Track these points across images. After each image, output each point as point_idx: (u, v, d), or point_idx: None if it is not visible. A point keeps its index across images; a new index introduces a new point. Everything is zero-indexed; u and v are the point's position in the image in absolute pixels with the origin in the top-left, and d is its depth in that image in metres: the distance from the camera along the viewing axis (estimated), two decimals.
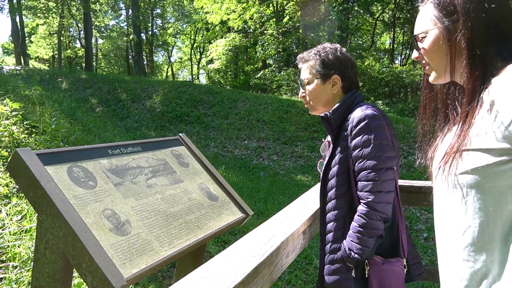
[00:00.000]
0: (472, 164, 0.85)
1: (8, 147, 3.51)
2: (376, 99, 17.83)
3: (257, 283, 1.10)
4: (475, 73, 0.90)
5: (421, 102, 1.16)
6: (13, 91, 5.49)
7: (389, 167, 1.43)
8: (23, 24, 25.17)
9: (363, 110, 1.48)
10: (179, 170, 1.89)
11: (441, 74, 1.01)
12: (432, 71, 1.03)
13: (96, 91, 14.00)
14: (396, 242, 1.54)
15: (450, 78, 1.00)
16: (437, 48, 0.98)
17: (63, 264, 1.31)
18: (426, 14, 1.01)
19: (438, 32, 0.97)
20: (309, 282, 3.67)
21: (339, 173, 1.54)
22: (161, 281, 2.88)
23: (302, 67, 1.70)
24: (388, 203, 1.43)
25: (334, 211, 1.55)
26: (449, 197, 0.93)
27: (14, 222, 2.56)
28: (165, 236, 1.49)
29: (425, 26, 1.01)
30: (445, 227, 0.96)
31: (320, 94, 1.65)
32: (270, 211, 5.69)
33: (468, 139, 0.88)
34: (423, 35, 1.01)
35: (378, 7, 21.74)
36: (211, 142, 11.34)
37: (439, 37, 0.97)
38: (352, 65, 1.65)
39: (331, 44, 1.68)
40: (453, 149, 0.91)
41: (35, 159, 1.33)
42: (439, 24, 0.97)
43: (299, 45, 19.10)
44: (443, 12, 0.96)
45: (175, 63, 39.07)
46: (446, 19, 0.95)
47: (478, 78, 0.90)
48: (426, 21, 1.00)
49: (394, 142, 1.50)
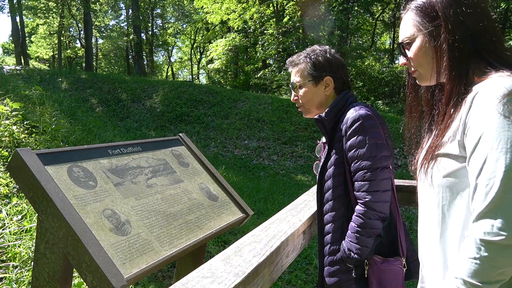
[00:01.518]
0: (444, 168, 0.96)
1: (8, 147, 3.51)
2: (376, 99, 17.83)
3: (257, 283, 1.10)
4: (453, 73, 0.96)
5: (406, 106, 1.20)
6: (13, 91, 5.49)
7: (385, 166, 1.45)
8: (23, 24, 25.17)
9: (357, 110, 1.49)
10: (179, 170, 1.89)
11: (428, 77, 1.06)
12: (420, 75, 1.08)
13: (96, 91, 14.00)
14: (395, 240, 1.55)
15: (436, 81, 1.05)
16: (424, 52, 1.03)
17: (63, 264, 1.31)
18: (409, 21, 1.05)
19: (423, 37, 1.02)
20: (309, 282, 3.67)
21: (335, 174, 1.54)
22: (161, 281, 2.88)
23: (292, 70, 1.71)
24: (385, 202, 1.44)
25: (332, 212, 1.55)
26: (428, 196, 1.03)
27: (14, 222, 2.56)
28: (165, 236, 1.49)
29: (410, 32, 1.05)
30: (425, 225, 1.07)
31: (313, 96, 1.65)
32: (270, 211, 5.69)
33: (442, 142, 0.96)
34: (408, 41, 1.06)
35: (378, 7, 21.74)
36: (211, 142, 11.34)
37: (424, 42, 1.02)
38: (343, 65, 1.66)
39: (320, 46, 1.69)
40: (431, 150, 0.99)
41: (35, 159, 1.33)
42: (423, 29, 1.02)
43: (299, 45, 19.07)
44: (426, 18, 1.01)
45: (175, 63, 39.07)
46: (429, 24, 1.00)
47: (456, 79, 0.96)
48: (410, 27, 1.05)
49: (389, 142, 1.51)
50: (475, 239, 0.83)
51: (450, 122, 0.95)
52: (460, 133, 0.92)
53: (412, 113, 1.18)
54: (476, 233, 0.83)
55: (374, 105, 16.66)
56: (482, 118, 0.86)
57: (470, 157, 0.88)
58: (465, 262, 0.84)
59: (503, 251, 0.80)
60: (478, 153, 0.86)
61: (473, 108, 0.89)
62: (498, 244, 0.80)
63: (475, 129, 0.87)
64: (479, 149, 0.85)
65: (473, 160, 0.87)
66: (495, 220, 0.80)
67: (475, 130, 0.87)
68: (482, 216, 0.82)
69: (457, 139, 0.93)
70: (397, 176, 8.64)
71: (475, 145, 0.86)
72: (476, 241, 0.82)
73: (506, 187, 0.80)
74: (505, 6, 15.32)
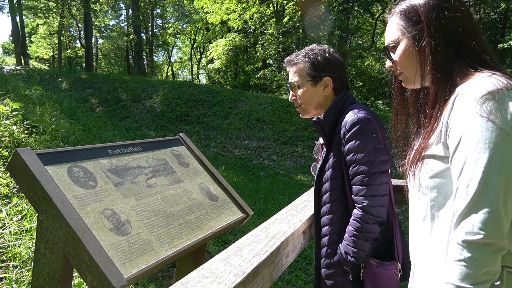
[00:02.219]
0: (431, 169, 0.97)
1: (8, 147, 3.51)
2: (376, 99, 17.81)
3: (257, 283, 1.10)
4: (437, 76, 0.98)
5: (393, 109, 1.22)
6: (13, 91, 5.49)
7: (383, 171, 1.44)
8: (23, 24, 25.18)
9: (356, 113, 1.47)
10: (179, 170, 1.89)
11: (413, 80, 1.08)
12: (405, 78, 1.10)
13: (96, 91, 14.00)
14: (391, 244, 1.55)
15: (421, 84, 1.07)
16: (408, 55, 1.05)
17: (63, 264, 1.31)
18: (394, 25, 1.08)
19: (407, 41, 1.04)
20: (309, 282, 3.67)
21: (333, 177, 1.53)
22: (161, 281, 2.88)
23: (290, 70, 1.67)
24: (383, 207, 1.43)
25: (329, 215, 1.54)
26: (416, 197, 1.05)
27: (14, 222, 2.56)
28: (165, 236, 1.49)
29: (394, 36, 1.08)
30: (414, 226, 1.07)
31: (312, 97, 1.62)
32: (270, 211, 5.69)
33: (428, 144, 0.98)
34: (393, 45, 1.08)
35: (378, 7, 21.72)
36: (211, 142, 11.34)
37: (409, 46, 1.04)
38: (341, 65, 1.64)
39: (319, 46, 1.66)
40: (417, 152, 1.01)
41: (35, 159, 1.33)
42: (406, 33, 1.04)
43: (299, 45, 19.06)
44: (409, 22, 1.04)
45: (175, 63, 39.06)
46: (413, 28, 1.03)
47: (440, 82, 0.98)
48: (395, 31, 1.08)
49: (387, 145, 1.50)
50: (458, 241, 0.83)
51: (436, 124, 0.97)
52: (443, 134, 0.93)
53: (398, 116, 1.20)
54: (459, 235, 0.84)
55: (374, 105, 16.64)
56: (462, 119, 0.87)
57: (451, 158, 0.90)
58: (452, 265, 0.85)
59: (483, 250, 0.81)
60: (458, 154, 0.87)
61: (454, 109, 0.90)
62: (478, 243, 0.81)
63: (456, 130, 0.88)
64: (459, 150, 0.87)
65: (454, 161, 0.88)
66: (474, 220, 0.82)
67: (456, 131, 0.88)
68: (463, 217, 0.84)
69: (441, 140, 0.94)
70: (397, 176, 8.67)
71: (456, 146, 0.88)
72: (459, 242, 0.83)
73: (484, 186, 0.81)
74: (505, 6, 15.32)
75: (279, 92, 18.00)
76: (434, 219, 0.99)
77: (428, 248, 1.01)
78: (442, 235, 0.96)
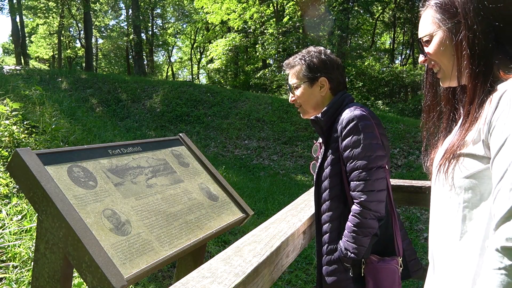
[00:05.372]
0: (467, 169, 0.91)
1: (8, 147, 3.51)
2: (376, 99, 17.82)
3: (257, 283, 1.10)
4: (475, 71, 0.92)
5: (424, 106, 1.16)
6: (13, 91, 5.49)
7: (380, 166, 1.46)
8: (23, 24, 25.16)
9: (352, 111, 1.51)
10: (179, 170, 1.89)
11: (449, 75, 1.02)
12: (443, 73, 1.04)
13: (96, 91, 14.00)
14: (391, 240, 1.57)
15: (458, 81, 1.01)
16: (444, 49, 0.99)
17: (63, 264, 1.31)
18: (428, 18, 1.02)
19: (443, 34, 0.99)
20: (309, 282, 3.67)
21: (332, 175, 1.56)
22: (161, 281, 2.88)
23: (289, 72, 1.74)
24: (380, 202, 1.45)
25: (329, 213, 1.57)
26: (446, 197, 0.98)
27: (14, 222, 2.56)
28: (165, 236, 1.49)
29: (429, 29, 1.02)
30: (440, 227, 1.00)
31: (309, 97, 1.68)
32: (270, 211, 5.69)
33: (465, 142, 0.91)
34: (428, 38, 1.03)
35: (378, 7, 21.73)
36: (211, 142, 11.34)
37: (444, 39, 0.99)
38: (338, 66, 1.68)
39: (315, 48, 1.72)
40: (453, 149, 0.94)
41: (35, 159, 1.33)
42: (442, 26, 0.98)
43: (299, 45, 19.06)
44: (445, 15, 0.98)
45: (175, 63, 39.06)
46: (449, 21, 0.97)
47: (479, 76, 0.92)
48: (430, 24, 1.02)
49: (384, 141, 1.53)
50: (497, 247, 0.77)
51: (474, 121, 0.90)
52: (485, 133, 0.87)
53: (430, 113, 1.13)
54: (498, 241, 0.77)
55: (374, 105, 16.65)
56: (509, 119, 0.81)
57: (493, 160, 0.84)
58: (490, 274, 0.77)
59: None
60: (502, 156, 0.81)
61: (500, 107, 0.84)
62: None
63: (501, 130, 0.82)
64: (503, 151, 0.81)
65: (497, 163, 0.82)
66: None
67: (501, 132, 0.82)
68: (504, 221, 0.77)
69: (481, 139, 0.88)
70: (397, 176, 8.64)
71: (499, 147, 0.82)
72: (498, 249, 0.77)
73: None
74: None
75: (279, 92, 18.00)
76: (465, 221, 0.93)
77: (456, 250, 0.94)
78: (475, 237, 0.90)
